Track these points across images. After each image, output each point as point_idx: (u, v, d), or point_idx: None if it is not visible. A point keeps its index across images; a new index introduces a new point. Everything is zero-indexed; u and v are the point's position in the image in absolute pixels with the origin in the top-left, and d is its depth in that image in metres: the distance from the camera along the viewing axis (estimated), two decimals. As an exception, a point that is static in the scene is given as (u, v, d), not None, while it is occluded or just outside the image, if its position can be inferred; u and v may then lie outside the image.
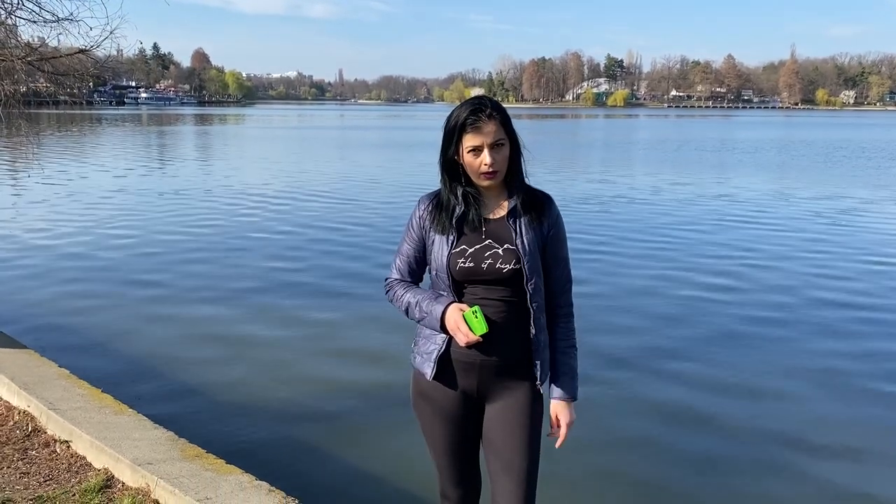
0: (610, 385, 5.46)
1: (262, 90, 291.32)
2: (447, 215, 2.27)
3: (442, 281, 2.28)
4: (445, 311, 2.21)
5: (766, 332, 6.73)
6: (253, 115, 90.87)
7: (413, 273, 2.41)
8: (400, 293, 2.37)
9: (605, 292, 8.08)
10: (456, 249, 2.24)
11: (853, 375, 5.69)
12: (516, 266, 2.23)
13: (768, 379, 5.61)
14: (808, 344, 6.41)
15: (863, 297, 7.95)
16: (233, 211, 13.72)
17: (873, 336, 6.65)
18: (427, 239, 2.33)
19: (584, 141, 44.57)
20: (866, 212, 14.25)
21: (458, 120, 2.19)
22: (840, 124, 77.92)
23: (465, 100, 2.27)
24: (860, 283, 8.61)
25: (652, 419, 4.94)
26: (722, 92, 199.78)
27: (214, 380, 5.50)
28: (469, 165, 2.21)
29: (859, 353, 6.17)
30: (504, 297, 2.26)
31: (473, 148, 2.18)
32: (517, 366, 2.31)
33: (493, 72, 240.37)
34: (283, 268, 9.18)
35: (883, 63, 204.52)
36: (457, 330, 2.17)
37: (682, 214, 13.64)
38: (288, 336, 6.54)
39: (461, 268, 2.23)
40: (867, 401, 5.24)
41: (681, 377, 5.65)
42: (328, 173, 21.15)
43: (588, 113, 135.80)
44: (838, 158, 28.93)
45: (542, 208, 2.32)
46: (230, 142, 38.63)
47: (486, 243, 2.25)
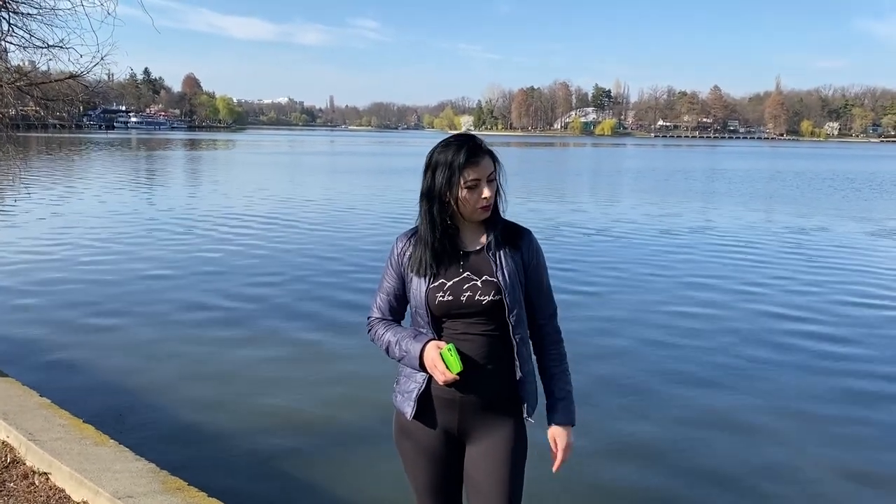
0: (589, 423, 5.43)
1: (252, 115, 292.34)
2: (426, 251, 2.26)
3: (421, 317, 2.28)
4: (423, 350, 2.19)
5: (747, 367, 6.73)
6: (243, 141, 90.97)
7: (394, 311, 2.40)
8: (381, 332, 2.36)
9: (582, 326, 8.08)
10: (434, 284, 2.24)
11: (836, 414, 5.69)
12: (496, 297, 2.22)
13: (750, 414, 5.61)
14: (793, 379, 6.42)
15: (845, 330, 7.98)
16: (214, 236, 13.64)
17: (855, 374, 6.67)
18: (406, 276, 2.32)
19: (574, 169, 44.88)
20: (850, 244, 14.37)
21: (454, 157, 2.20)
22: (825, 155, 78.94)
23: (453, 137, 2.28)
24: (842, 324, 8.66)
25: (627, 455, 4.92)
26: (708, 122, 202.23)
27: (198, 411, 5.41)
28: (466, 200, 2.22)
29: (842, 393, 6.19)
30: (485, 331, 2.25)
31: (475, 183, 2.20)
32: (499, 401, 2.29)
33: (482, 100, 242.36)
34: (265, 294, 9.10)
35: (866, 96, 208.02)
36: (434, 368, 2.15)
37: (667, 244, 13.72)
38: (274, 367, 6.46)
39: (440, 302, 2.23)
40: (849, 444, 5.24)
41: (662, 412, 5.63)
42: (315, 199, 21.13)
43: (576, 141, 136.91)
44: (829, 189, 29.26)
45: (520, 240, 2.34)
46: (218, 167, 38.62)
47: (464, 276, 2.25)
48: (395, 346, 2.29)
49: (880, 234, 15.69)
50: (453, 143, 2.24)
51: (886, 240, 15.03)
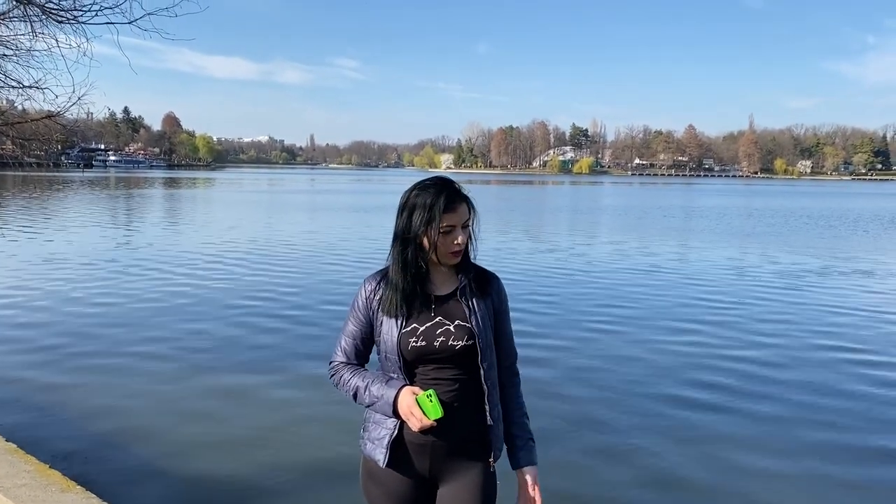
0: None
1: (232, 154, 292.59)
2: (397, 295, 2.24)
3: (392, 363, 2.24)
4: (398, 396, 2.16)
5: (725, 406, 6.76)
6: (222, 179, 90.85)
7: (359, 355, 2.36)
8: (347, 377, 2.31)
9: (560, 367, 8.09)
10: (406, 329, 2.22)
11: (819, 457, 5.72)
12: (469, 342, 2.23)
13: (730, 451, 5.62)
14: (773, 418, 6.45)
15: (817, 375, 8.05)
16: (182, 277, 13.43)
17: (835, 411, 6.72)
18: (375, 320, 2.29)
19: (554, 207, 45.24)
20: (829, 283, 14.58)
21: (432, 201, 2.20)
22: (799, 193, 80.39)
23: (430, 180, 2.28)
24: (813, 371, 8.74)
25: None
26: (684, 160, 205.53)
27: (168, 455, 5.31)
28: (439, 244, 2.22)
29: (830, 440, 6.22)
30: (456, 375, 2.24)
31: (450, 228, 2.21)
32: (470, 445, 2.28)
33: (462, 138, 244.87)
34: (235, 335, 8.99)
35: (836, 135, 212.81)
36: (410, 415, 2.13)
37: (649, 282, 13.82)
38: (243, 410, 6.35)
39: (413, 347, 2.21)
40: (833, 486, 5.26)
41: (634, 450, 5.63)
42: (291, 238, 21.08)
43: (554, 179, 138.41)
44: (808, 226, 29.75)
45: (490, 286, 2.36)
46: (196, 205, 38.47)
47: (436, 321, 2.24)
48: (363, 392, 2.25)
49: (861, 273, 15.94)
50: (432, 187, 2.24)
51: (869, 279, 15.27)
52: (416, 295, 2.24)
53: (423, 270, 2.27)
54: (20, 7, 5.51)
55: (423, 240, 2.23)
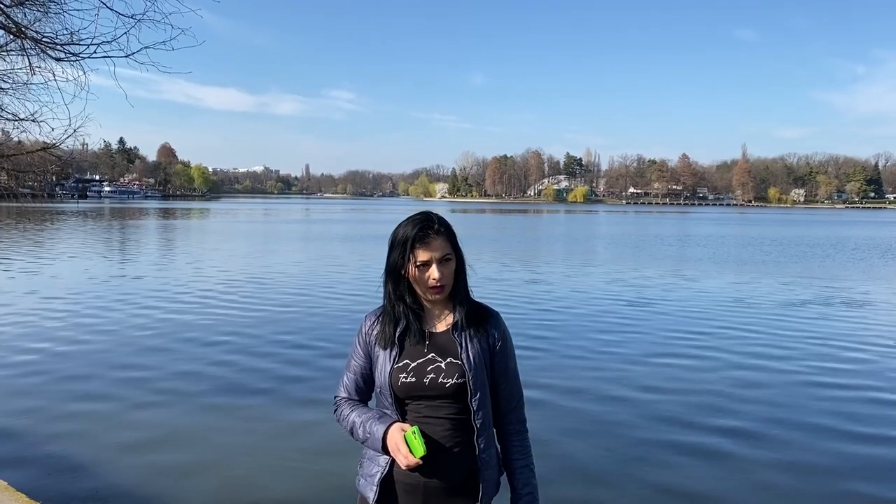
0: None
1: (228, 184, 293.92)
2: (390, 330, 2.25)
3: (385, 398, 2.24)
4: (387, 432, 2.14)
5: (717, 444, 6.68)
6: (217, 209, 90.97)
7: (360, 391, 2.36)
8: (346, 413, 2.31)
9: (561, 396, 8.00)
10: (398, 364, 2.21)
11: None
12: (460, 381, 2.18)
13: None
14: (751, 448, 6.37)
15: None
16: (175, 307, 13.43)
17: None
18: (373, 354, 2.29)
19: (551, 236, 45.32)
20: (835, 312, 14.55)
21: (406, 235, 2.19)
22: (795, 221, 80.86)
23: (412, 215, 2.27)
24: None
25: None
26: (678, 189, 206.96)
27: (158, 491, 5.20)
28: (418, 280, 2.21)
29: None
30: (449, 414, 2.20)
31: (423, 263, 2.19)
32: (463, 485, 2.22)
33: (456, 167, 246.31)
34: (228, 368, 8.91)
35: (829, 163, 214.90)
36: (397, 452, 2.10)
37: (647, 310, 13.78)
38: (234, 444, 6.22)
39: (403, 383, 2.19)
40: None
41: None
42: (285, 272, 21.01)
43: (549, 208, 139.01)
44: (808, 255, 29.83)
45: (487, 322, 2.30)
46: (190, 236, 38.40)
47: (428, 357, 2.21)
48: (359, 428, 2.24)
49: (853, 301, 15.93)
50: (410, 222, 2.24)
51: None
52: (409, 330, 2.23)
53: (414, 306, 2.26)
54: (17, 41, 5.51)
55: (406, 276, 2.23)
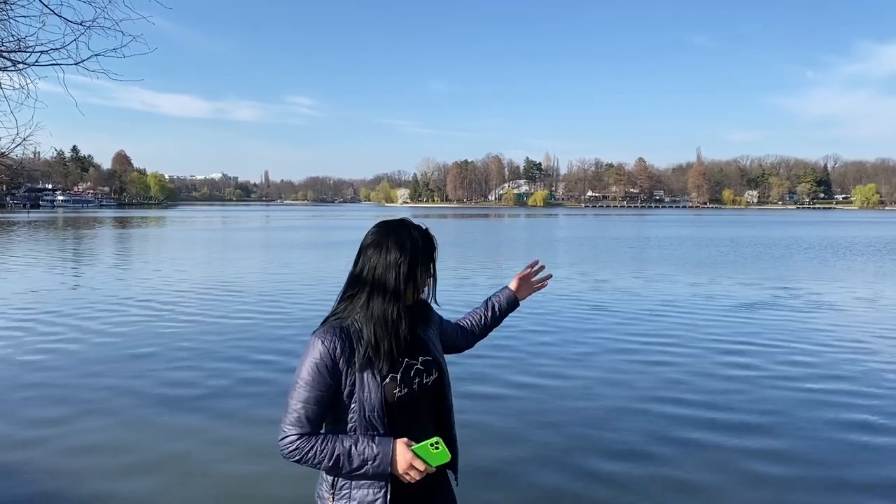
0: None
1: (185, 192, 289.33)
2: (392, 343, 2.12)
3: (373, 419, 2.07)
4: (394, 451, 2.04)
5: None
6: (175, 217, 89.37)
7: (320, 423, 2.12)
8: (320, 447, 2.06)
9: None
10: (386, 381, 2.11)
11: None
12: (436, 374, 2.25)
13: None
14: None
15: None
16: (126, 321, 13.17)
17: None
18: (344, 379, 2.09)
19: (512, 239, 45.53)
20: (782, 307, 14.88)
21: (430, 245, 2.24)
22: (748, 222, 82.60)
23: (407, 224, 2.23)
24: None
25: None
26: (635, 192, 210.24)
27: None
28: (417, 288, 2.25)
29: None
30: (427, 409, 2.29)
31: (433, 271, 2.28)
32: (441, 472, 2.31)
33: (418, 173, 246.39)
34: (187, 387, 8.77)
35: (781, 165, 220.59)
36: (410, 468, 2.02)
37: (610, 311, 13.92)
38: (208, 465, 6.16)
39: (399, 398, 2.13)
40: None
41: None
42: (240, 281, 20.75)
43: (510, 212, 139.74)
44: (767, 255, 30.47)
45: (430, 312, 2.44)
46: (147, 244, 37.63)
47: (405, 363, 2.19)
48: (345, 458, 2.04)
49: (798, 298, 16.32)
50: (418, 229, 2.23)
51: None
52: (393, 344, 2.18)
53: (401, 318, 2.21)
54: (-41, 49, 5.36)
55: (410, 291, 2.20)
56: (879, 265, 25.74)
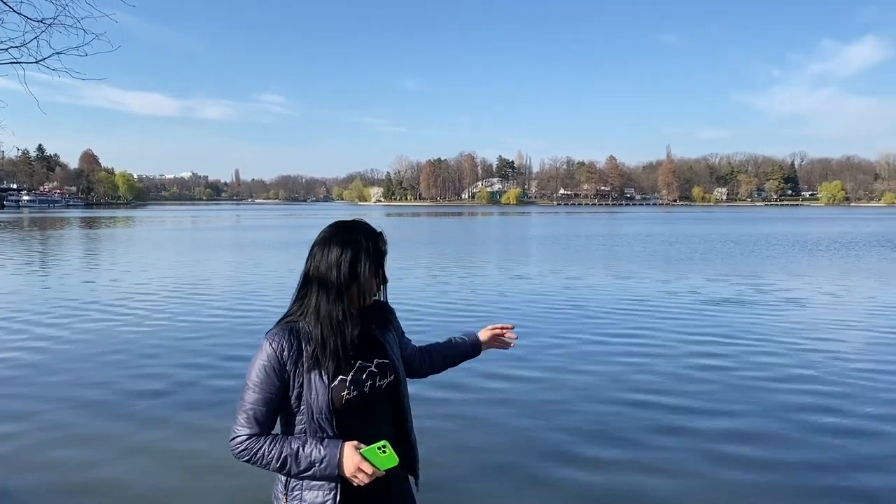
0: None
1: (154, 191, 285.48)
2: (338, 343, 2.11)
3: (321, 422, 2.08)
4: (342, 454, 2.03)
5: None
6: (143, 217, 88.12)
7: (270, 422, 2.14)
8: (267, 448, 2.08)
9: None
10: (335, 383, 2.10)
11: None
12: (391, 378, 2.23)
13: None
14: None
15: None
16: (84, 326, 12.95)
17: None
18: (292, 381, 2.09)
19: (486, 237, 45.62)
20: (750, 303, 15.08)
21: (376, 244, 2.21)
22: (718, 219, 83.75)
23: (356, 226, 2.22)
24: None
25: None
26: (606, 190, 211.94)
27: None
28: (365, 288, 2.20)
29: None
30: (383, 413, 2.26)
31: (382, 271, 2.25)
32: (399, 476, 2.31)
33: (391, 171, 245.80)
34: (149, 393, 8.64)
35: (749, 163, 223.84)
36: (358, 471, 2.00)
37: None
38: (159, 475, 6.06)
39: (346, 400, 2.10)
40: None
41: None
42: (208, 283, 20.52)
43: (484, 210, 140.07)
44: (736, 252, 30.88)
45: (390, 314, 2.43)
46: (116, 245, 37.06)
47: (357, 365, 2.17)
48: (293, 460, 2.06)
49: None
50: (364, 228, 2.21)
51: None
52: (339, 344, 2.15)
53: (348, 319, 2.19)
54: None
55: (357, 290, 2.16)
56: (845, 261, 26.22)
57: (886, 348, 10.40)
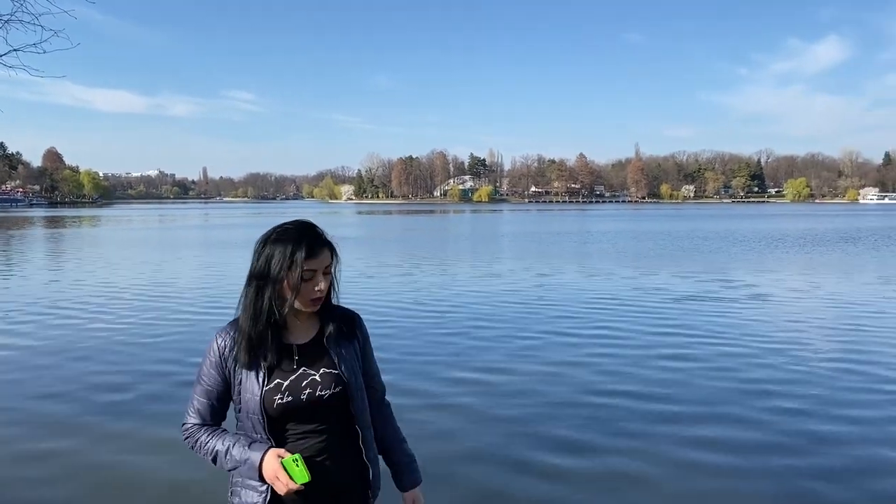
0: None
1: (120, 189, 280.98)
2: (243, 341, 2.11)
3: (254, 422, 2.11)
4: (262, 460, 2.04)
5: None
6: (109, 216, 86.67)
7: (215, 414, 2.21)
8: (204, 440, 2.16)
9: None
10: (270, 386, 2.09)
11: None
12: (337, 389, 2.14)
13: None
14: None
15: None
16: (48, 323, 12.68)
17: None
18: (232, 377, 2.14)
19: (462, 235, 45.65)
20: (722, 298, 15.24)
21: (295, 243, 2.09)
22: (686, 216, 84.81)
23: (292, 223, 2.18)
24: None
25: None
26: (576, 188, 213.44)
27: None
28: (299, 291, 2.11)
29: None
30: (329, 424, 2.16)
31: (311, 274, 2.10)
32: (350, 491, 2.21)
33: (362, 169, 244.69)
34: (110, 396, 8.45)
35: (716, 160, 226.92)
36: (275, 480, 2.02)
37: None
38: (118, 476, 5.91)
39: (279, 405, 2.08)
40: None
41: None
42: (172, 284, 20.22)
43: (456, 208, 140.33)
44: (709, 248, 31.25)
45: (354, 326, 2.31)
46: (81, 245, 36.39)
47: (300, 372, 2.13)
48: (223, 456, 2.11)
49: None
50: (293, 230, 2.14)
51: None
52: (264, 342, 2.09)
53: (279, 319, 2.14)
54: None
55: (284, 286, 2.09)
56: (810, 257, 26.69)
57: (848, 341, 10.57)
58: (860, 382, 8.23)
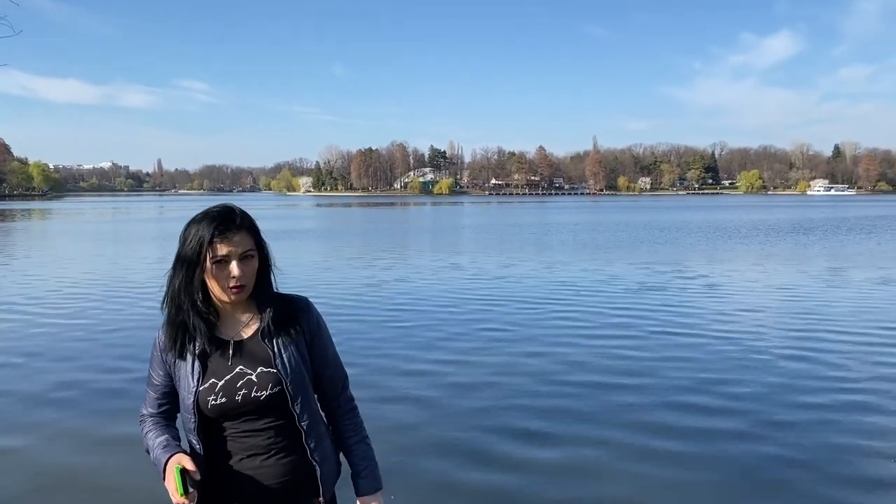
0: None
1: (72, 182, 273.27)
2: (187, 343, 2.03)
3: (187, 419, 2.06)
4: (166, 465, 2.00)
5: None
6: (59, 210, 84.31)
7: (164, 407, 2.18)
8: (144, 432, 2.16)
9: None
10: (204, 385, 2.01)
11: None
12: (275, 390, 2.02)
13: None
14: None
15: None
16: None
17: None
18: (173, 371, 2.09)
19: (423, 227, 45.55)
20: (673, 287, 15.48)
21: (203, 228, 1.99)
22: (642, 207, 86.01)
23: (211, 207, 2.05)
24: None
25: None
26: (536, 180, 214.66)
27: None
28: (215, 279, 1.99)
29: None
30: (270, 423, 2.06)
31: (221, 259, 1.97)
32: (297, 488, 2.11)
33: (320, 161, 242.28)
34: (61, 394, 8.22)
35: (672, 153, 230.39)
36: (168, 486, 1.97)
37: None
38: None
39: (213, 406, 2.01)
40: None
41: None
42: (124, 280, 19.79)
43: (416, 200, 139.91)
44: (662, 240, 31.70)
45: (298, 316, 2.13)
46: (20, 240, 35.34)
47: (236, 371, 2.03)
48: (150, 452, 2.10)
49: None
50: (208, 213, 2.02)
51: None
52: (188, 332, 2.01)
53: (209, 311, 2.05)
54: None
55: (206, 273, 1.99)
56: (763, 247, 27.29)
57: (800, 329, 10.82)
58: (813, 369, 8.44)
